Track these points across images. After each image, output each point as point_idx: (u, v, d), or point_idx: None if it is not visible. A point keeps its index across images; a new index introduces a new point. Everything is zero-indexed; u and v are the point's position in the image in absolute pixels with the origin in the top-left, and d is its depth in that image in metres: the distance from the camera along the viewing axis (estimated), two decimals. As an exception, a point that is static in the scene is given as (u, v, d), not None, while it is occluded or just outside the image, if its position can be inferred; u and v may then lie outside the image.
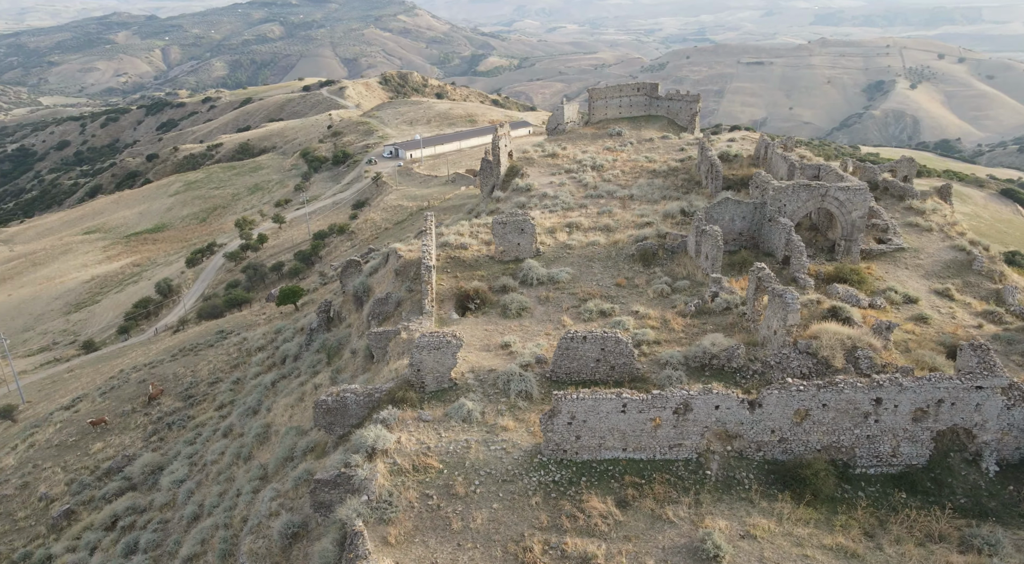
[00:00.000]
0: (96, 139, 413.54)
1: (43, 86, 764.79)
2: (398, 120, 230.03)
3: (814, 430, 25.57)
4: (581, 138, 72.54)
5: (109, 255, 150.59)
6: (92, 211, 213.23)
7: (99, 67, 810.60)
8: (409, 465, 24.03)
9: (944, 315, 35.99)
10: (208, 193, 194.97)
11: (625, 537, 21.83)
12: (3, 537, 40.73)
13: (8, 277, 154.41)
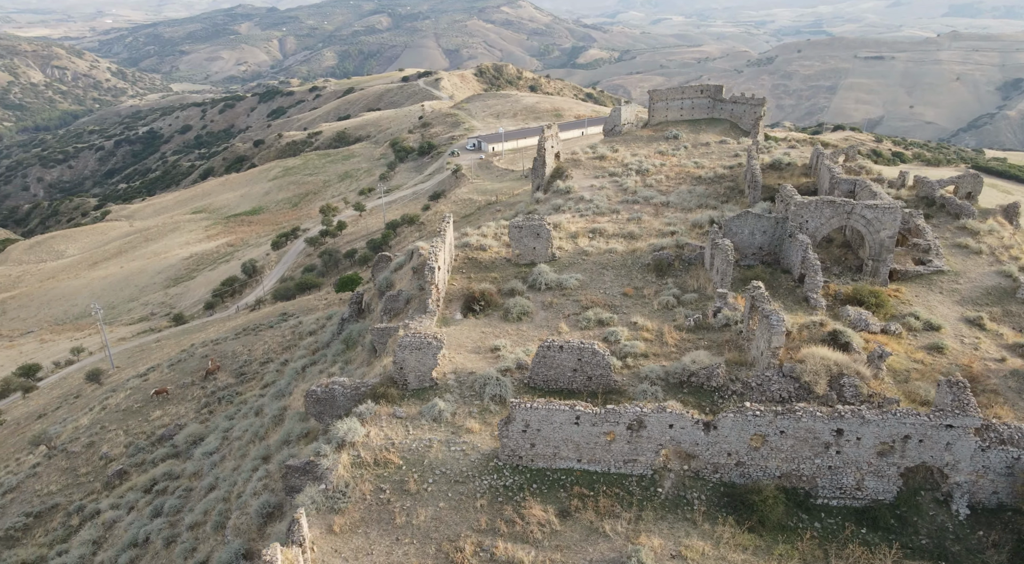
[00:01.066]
0: (214, 124, 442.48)
1: (174, 73, 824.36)
2: (485, 113, 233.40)
3: (772, 456, 25.35)
4: (636, 140, 72.03)
5: (209, 234, 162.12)
6: (202, 192, 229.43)
7: (223, 56, 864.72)
8: (371, 459, 25.76)
9: (966, 345, 34.11)
10: (303, 179, 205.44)
11: (557, 547, 22.66)
12: (65, 490, 45.97)
13: (124, 250, 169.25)
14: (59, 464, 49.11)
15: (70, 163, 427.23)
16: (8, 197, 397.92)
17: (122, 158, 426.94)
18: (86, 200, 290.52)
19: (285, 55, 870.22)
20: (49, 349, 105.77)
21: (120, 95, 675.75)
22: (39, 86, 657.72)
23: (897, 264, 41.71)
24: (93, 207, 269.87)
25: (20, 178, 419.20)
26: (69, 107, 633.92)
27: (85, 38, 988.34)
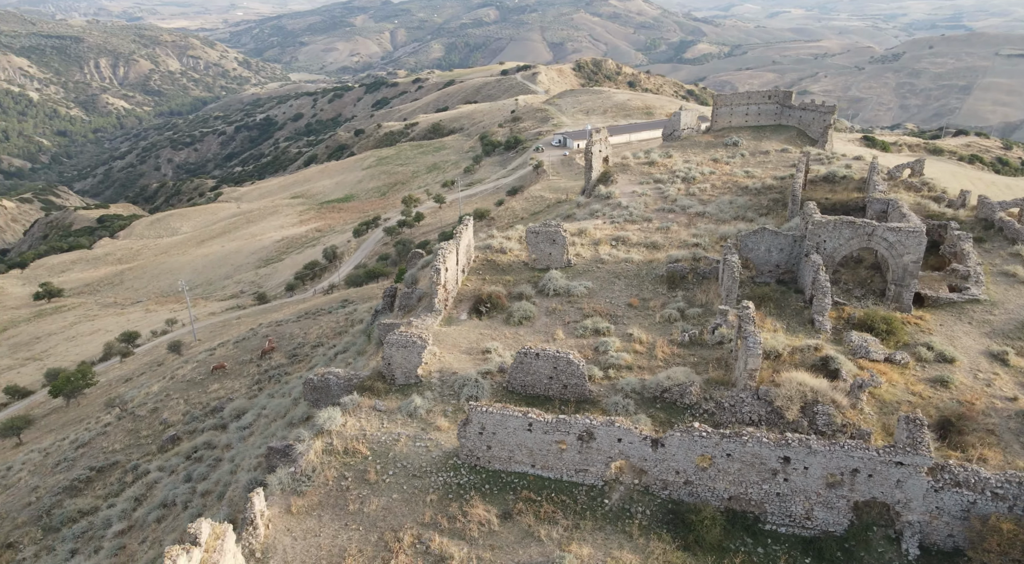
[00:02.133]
0: (323, 113, 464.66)
1: (293, 63, 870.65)
2: (575, 109, 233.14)
3: (720, 478, 25.52)
4: (694, 146, 70.97)
5: (302, 219, 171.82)
6: (302, 178, 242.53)
7: (338, 47, 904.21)
8: (342, 447, 27.96)
9: (978, 381, 32.41)
10: (393, 169, 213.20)
11: (490, 546, 23.98)
12: (126, 449, 51.45)
13: (228, 230, 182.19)
14: (126, 425, 54.91)
15: (196, 146, 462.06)
16: (142, 176, 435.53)
17: (240, 143, 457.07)
18: (204, 181, 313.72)
19: (395, 47, 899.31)
20: (151, 319, 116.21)
21: (244, 83, 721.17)
22: (175, 74, 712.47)
23: (929, 289, 39.82)
24: (209, 188, 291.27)
25: (153, 159, 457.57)
26: (200, 94, 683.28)
27: (218, 29, 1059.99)
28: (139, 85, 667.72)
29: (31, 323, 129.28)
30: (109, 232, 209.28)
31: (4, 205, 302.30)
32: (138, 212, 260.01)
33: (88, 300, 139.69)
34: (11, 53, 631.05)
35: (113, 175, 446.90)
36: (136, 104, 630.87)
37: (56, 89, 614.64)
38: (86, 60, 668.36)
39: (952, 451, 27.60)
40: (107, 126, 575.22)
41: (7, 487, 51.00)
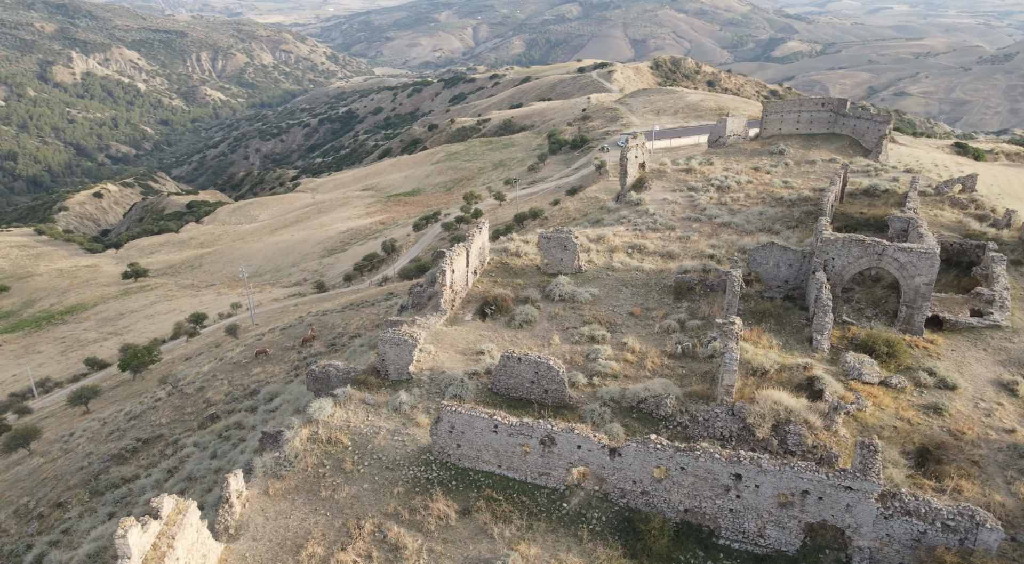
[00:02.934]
0: (402, 107, 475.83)
1: (378, 58, 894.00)
2: (646, 108, 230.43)
3: (675, 490, 26.00)
4: (738, 153, 69.78)
5: (368, 211, 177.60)
6: (375, 171, 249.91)
7: (422, 43, 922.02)
8: (326, 436, 29.93)
9: (978, 410, 31.35)
10: (461, 164, 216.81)
11: (443, 539, 25.36)
12: (171, 424, 55.66)
13: (299, 220, 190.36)
14: (174, 402, 59.32)
15: (282, 137, 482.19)
16: (232, 164, 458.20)
17: (323, 135, 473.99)
18: (286, 172, 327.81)
19: (477, 42, 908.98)
20: (220, 301, 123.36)
21: (331, 77, 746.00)
22: (268, 67, 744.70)
23: (948, 312, 38.46)
24: (290, 178, 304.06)
25: (243, 148, 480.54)
26: (289, 87, 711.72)
27: (310, 24, 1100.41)
28: (235, 78, 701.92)
29: (118, 300, 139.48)
30: (195, 217, 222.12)
31: (108, 189, 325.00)
32: (223, 199, 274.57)
33: (169, 281, 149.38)
34: (124, 46, 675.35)
35: (207, 163, 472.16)
36: (231, 96, 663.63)
37: (161, 81, 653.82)
38: (189, 54, 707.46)
39: (927, 480, 27.08)
40: (204, 116, 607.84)
41: (67, 451, 56.15)
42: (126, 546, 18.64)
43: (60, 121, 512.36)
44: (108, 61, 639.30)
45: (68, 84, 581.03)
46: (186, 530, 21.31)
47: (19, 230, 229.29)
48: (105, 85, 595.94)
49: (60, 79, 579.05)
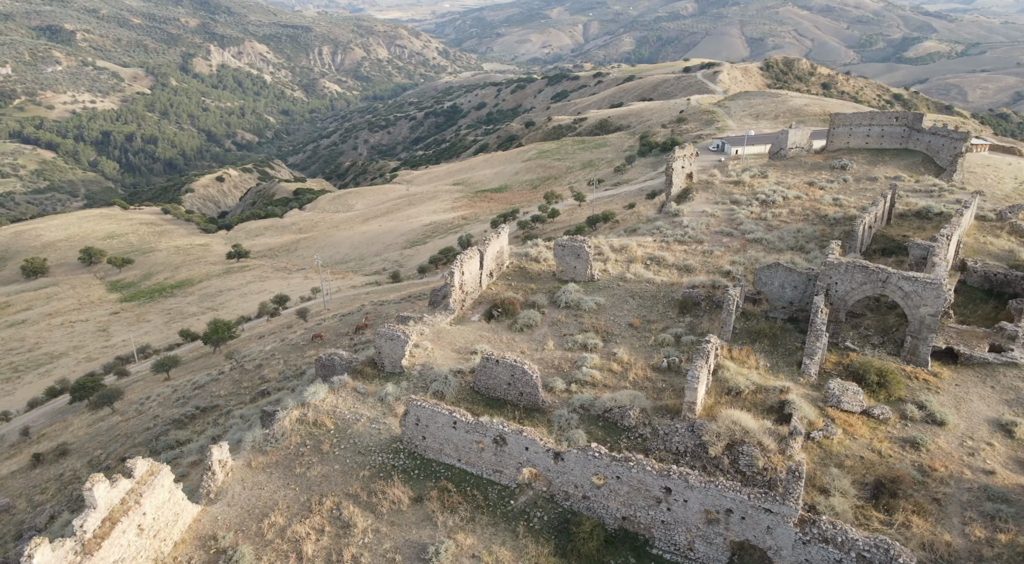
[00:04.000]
0: (504, 103, 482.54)
1: (488, 54, 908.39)
2: (745, 112, 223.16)
3: (612, 498, 27.07)
4: (798, 167, 67.72)
5: (453, 206, 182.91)
6: (468, 166, 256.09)
7: (531, 39, 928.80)
8: (312, 419, 32.94)
9: (962, 449, 30.27)
10: (551, 163, 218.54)
11: (392, 522, 27.65)
12: (227, 396, 61.21)
13: (390, 211, 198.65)
14: (234, 376, 65.05)
15: (389, 129, 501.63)
16: (342, 154, 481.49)
17: (428, 128, 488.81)
18: (387, 163, 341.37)
19: (587, 39, 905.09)
20: (305, 285, 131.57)
21: (441, 72, 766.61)
22: (383, 61, 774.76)
23: (965, 346, 36.84)
24: (390, 170, 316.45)
25: (353, 139, 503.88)
26: (401, 81, 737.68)
27: (425, 20, 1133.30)
28: (351, 71, 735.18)
29: (219, 278, 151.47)
30: (299, 204, 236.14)
31: (229, 173, 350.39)
32: (327, 187, 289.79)
33: (265, 263, 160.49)
34: (255, 40, 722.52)
35: (319, 152, 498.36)
36: (347, 88, 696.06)
37: (285, 73, 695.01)
38: (312, 47, 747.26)
39: (877, 512, 26.81)
40: (321, 107, 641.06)
41: (140, 413, 62.95)
42: (92, 498, 22.11)
43: (196, 109, 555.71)
44: (241, 54, 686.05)
45: (205, 75, 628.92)
46: (156, 490, 24.70)
47: (149, 208, 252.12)
48: (236, 76, 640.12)
49: (198, 70, 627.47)
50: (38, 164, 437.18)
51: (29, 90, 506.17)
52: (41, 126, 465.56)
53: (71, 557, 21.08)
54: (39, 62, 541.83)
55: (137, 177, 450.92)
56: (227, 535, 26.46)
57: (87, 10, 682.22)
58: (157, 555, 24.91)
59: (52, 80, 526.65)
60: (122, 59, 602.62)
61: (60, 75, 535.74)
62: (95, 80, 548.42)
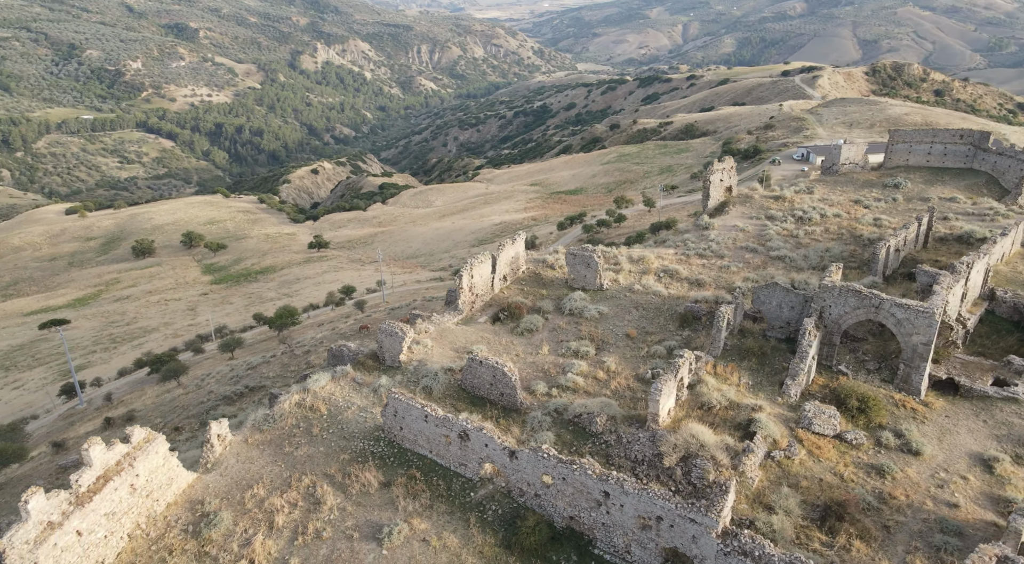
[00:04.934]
0: (594, 104, 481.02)
1: (583, 54, 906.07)
2: (838, 120, 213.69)
3: (559, 497, 28.54)
4: (847, 183, 65.65)
5: (526, 206, 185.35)
6: (548, 167, 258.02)
7: (628, 39, 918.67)
8: (309, 404, 36.00)
9: (933, 480, 29.74)
10: (629, 167, 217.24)
11: (357, 502, 30.19)
12: (275, 377, 65.96)
13: (465, 209, 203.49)
14: (283, 360, 69.93)
15: (478, 127, 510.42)
16: (432, 150, 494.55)
17: (516, 127, 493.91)
18: (472, 161, 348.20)
19: (685, 40, 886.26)
20: (374, 277, 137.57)
21: (535, 71, 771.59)
22: (478, 60, 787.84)
23: (967, 378, 35.77)
24: (474, 168, 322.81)
25: (443, 136, 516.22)
26: (494, 79, 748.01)
27: (523, 19, 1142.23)
28: (447, 69, 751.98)
29: (299, 266, 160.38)
30: (382, 198, 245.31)
31: (324, 166, 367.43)
32: (411, 183, 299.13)
33: (342, 254, 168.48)
34: (359, 38, 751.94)
35: (411, 148, 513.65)
36: (442, 86, 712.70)
37: (385, 70, 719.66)
38: (411, 46, 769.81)
39: (820, 533, 27.07)
40: (416, 104, 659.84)
41: (199, 388, 68.85)
42: (89, 457, 25.75)
43: (300, 104, 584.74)
44: (344, 51, 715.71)
45: (311, 71, 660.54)
46: (150, 456, 28.22)
47: (247, 197, 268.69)
48: (339, 73, 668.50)
49: (305, 67, 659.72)
50: (159, 152, 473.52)
51: (155, 83, 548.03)
52: (163, 117, 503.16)
53: (64, 506, 24.74)
54: (165, 57, 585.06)
55: (243, 167, 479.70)
56: (213, 501, 29.76)
57: (210, 9, 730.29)
58: (150, 512, 28.47)
59: (175, 74, 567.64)
60: (238, 55, 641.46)
61: (183, 70, 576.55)
62: (212, 75, 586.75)
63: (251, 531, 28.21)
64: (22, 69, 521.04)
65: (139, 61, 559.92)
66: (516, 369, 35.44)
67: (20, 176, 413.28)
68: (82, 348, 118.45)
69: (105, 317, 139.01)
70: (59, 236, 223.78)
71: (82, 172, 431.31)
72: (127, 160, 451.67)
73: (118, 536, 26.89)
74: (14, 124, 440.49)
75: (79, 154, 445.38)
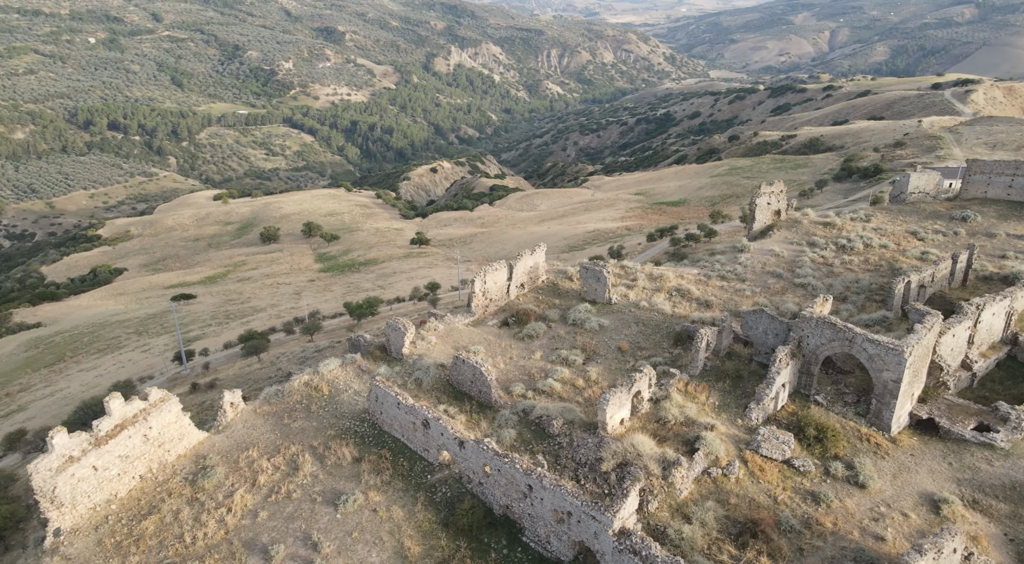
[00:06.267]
0: (720, 113, 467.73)
1: (717, 61, 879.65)
2: (979, 140, 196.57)
3: (496, 487, 31.38)
4: (911, 213, 62.63)
5: (624, 215, 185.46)
6: (657, 176, 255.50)
7: (767, 46, 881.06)
8: (315, 384, 40.79)
9: (870, 514, 29.85)
10: (737, 181, 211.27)
11: (329, 473, 34.45)
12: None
13: (565, 215, 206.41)
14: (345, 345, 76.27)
15: (599, 133, 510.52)
16: (551, 154, 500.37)
17: (637, 134, 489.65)
18: (584, 167, 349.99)
19: (832, 47, 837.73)
20: (464, 275, 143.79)
21: (664, 78, 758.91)
22: (607, 65, 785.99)
23: (947, 419, 34.95)
24: (586, 173, 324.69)
25: (563, 140, 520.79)
26: (621, 85, 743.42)
27: (658, 24, 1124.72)
28: (575, 74, 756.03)
29: (399, 261, 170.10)
30: (490, 200, 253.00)
31: (443, 165, 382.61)
32: (522, 186, 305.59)
33: (440, 251, 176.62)
34: (491, 42, 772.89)
35: (531, 151, 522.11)
36: (568, 90, 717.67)
37: (514, 74, 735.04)
38: (541, 50, 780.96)
39: (730, 547, 28.25)
40: (540, 108, 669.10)
41: (272, 364, 76.65)
42: (109, 408, 31.62)
43: (429, 105, 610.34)
44: (476, 54, 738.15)
45: (443, 73, 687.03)
46: (164, 414, 33.87)
47: (366, 192, 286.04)
48: (469, 76, 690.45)
49: (437, 69, 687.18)
50: (300, 146, 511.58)
51: (303, 82, 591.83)
52: (307, 114, 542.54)
53: (84, 446, 30.68)
54: (313, 58, 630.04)
55: (372, 163, 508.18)
56: (214, 457, 35.11)
57: (357, 14, 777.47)
58: (162, 460, 34.19)
59: (320, 74, 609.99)
60: (377, 57, 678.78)
61: (327, 70, 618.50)
62: (353, 75, 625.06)
63: (236, 485, 33.21)
64: (194, 67, 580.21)
65: (290, 61, 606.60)
66: (493, 370, 38.51)
67: (183, 163, 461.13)
68: (201, 321, 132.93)
69: (225, 295, 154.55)
70: (204, 219, 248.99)
71: (234, 162, 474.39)
72: (272, 152, 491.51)
73: (131, 476, 32.70)
74: (183, 117, 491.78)
75: (233, 145, 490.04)
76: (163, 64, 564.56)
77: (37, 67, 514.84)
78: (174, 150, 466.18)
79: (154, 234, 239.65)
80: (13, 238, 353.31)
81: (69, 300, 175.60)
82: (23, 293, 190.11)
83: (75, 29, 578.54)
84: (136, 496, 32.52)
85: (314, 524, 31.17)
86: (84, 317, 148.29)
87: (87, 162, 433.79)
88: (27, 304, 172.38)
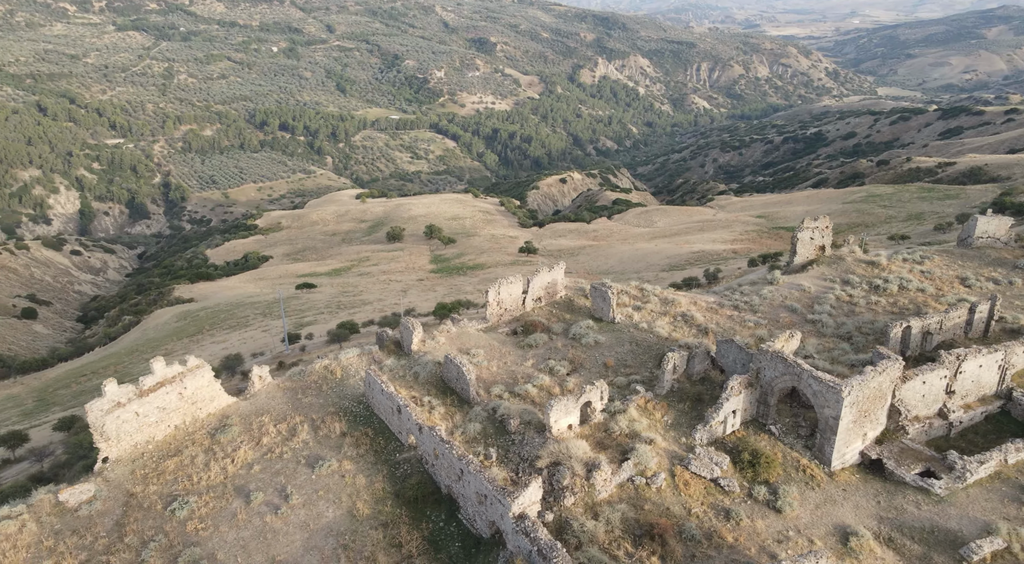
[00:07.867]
0: (879, 135, 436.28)
1: (889, 77, 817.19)
2: None
3: (442, 469, 35.97)
4: (972, 259, 59.02)
5: (735, 238, 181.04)
6: (786, 200, 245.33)
7: (951, 62, 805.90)
8: (331, 369, 47.23)
9: (775, 536, 31.42)
10: (872, 209, 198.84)
11: (318, 441, 40.56)
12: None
13: (678, 233, 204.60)
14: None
15: (741, 151, 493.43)
16: (688, 170, 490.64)
17: (783, 154, 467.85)
18: (716, 185, 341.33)
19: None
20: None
21: (823, 94, 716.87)
22: (760, 80, 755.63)
23: (894, 461, 35.23)
24: (716, 192, 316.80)
25: (702, 156, 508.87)
26: (775, 101, 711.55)
27: (825, 37, 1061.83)
28: (725, 88, 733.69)
29: (503, 267, 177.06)
30: (610, 213, 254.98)
31: (572, 176, 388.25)
32: (648, 200, 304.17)
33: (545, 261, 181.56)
34: (639, 54, 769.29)
35: (668, 166, 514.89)
36: (715, 105, 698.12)
37: (660, 86, 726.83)
38: (691, 63, 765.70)
39: (628, 545, 31.13)
40: (684, 122, 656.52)
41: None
42: (152, 368, 39.66)
43: (570, 115, 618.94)
44: (623, 67, 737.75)
45: (587, 84, 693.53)
46: (197, 378, 41.56)
47: (491, 199, 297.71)
48: (613, 87, 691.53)
49: (582, 80, 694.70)
50: (442, 151, 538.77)
51: (452, 90, 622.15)
52: (452, 120, 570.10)
53: (130, 395, 38.84)
54: (464, 68, 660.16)
55: (508, 170, 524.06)
56: (235, 419, 42.46)
57: (510, 25, 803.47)
58: (194, 416, 41.97)
59: (469, 83, 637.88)
60: (524, 67, 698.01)
61: (476, 79, 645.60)
62: (500, 85, 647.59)
63: (243, 442, 40.24)
64: (356, 74, 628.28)
65: (443, 70, 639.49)
66: (474, 369, 43.09)
67: (338, 163, 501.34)
68: (316, 309, 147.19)
69: (343, 287, 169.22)
70: (343, 216, 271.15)
71: (381, 163, 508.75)
72: (416, 156, 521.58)
73: (167, 424, 40.68)
74: (342, 120, 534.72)
75: (382, 148, 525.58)
76: (331, 71, 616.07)
77: (228, 73, 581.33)
78: (331, 150, 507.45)
79: (300, 227, 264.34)
80: (194, 222, 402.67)
81: (220, 281, 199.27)
82: (188, 271, 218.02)
83: (262, 39, 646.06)
84: (168, 441, 40.42)
85: (292, 480, 37.40)
86: (227, 297, 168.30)
87: (259, 158, 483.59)
88: (187, 281, 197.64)
